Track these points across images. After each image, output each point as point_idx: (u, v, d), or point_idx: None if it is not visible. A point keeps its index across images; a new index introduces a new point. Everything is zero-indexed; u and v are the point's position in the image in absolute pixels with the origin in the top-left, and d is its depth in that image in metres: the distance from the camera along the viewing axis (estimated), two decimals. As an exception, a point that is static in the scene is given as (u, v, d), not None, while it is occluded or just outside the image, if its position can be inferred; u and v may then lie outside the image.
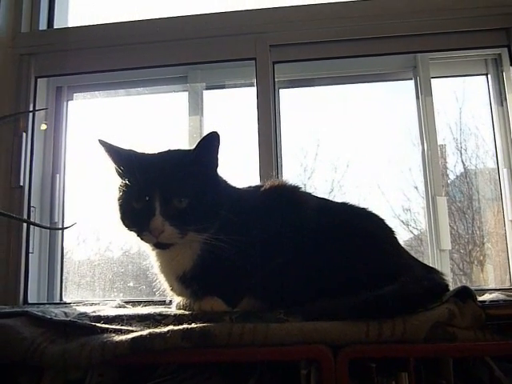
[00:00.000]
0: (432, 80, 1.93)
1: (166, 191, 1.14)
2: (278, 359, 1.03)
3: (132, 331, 1.03)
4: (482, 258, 1.94)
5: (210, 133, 1.19)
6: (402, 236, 2.02)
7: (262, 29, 1.89)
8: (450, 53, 1.92)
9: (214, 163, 1.24)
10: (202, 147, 1.20)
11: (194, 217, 1.16)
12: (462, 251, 1.97)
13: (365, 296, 1.06)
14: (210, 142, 1.20)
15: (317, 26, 1.87)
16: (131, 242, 2.11)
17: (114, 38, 1.98)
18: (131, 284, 2.04)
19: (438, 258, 1.80)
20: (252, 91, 1.90)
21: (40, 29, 2.07)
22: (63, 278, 1.99)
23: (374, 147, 2.01)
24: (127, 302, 1.60)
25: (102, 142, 1.22)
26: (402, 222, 2.02)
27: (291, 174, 2.02)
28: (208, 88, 2.06)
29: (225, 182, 1.29)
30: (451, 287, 1.22)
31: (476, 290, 1.18)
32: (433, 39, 1.84)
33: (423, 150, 1.90)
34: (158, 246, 1.19)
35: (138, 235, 1.19)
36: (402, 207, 2.02)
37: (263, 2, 1.97)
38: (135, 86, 2.13)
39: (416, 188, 1.98)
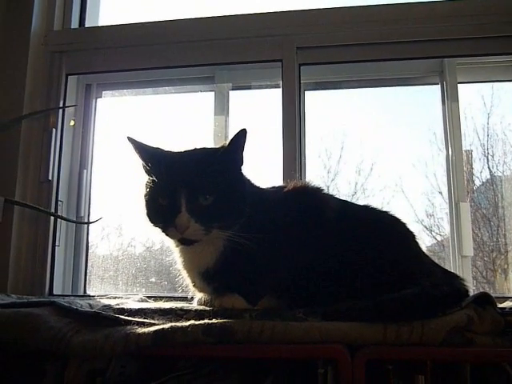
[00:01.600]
0: (460, 85, 1.91)
1: (192, 188, 1.16)
2: (296, 357, 1.04)
3: (154, 324, 1.06)
4: (506, 266, 1.92)
5: (241, 130, 1.21)
6: (425, 241, 2.02)
7: (289, 31, 1.90)
8: (477, 58, 1.90)
9: (240, 161, 1.26)
10: (231, 145, 1.22)
11: (219, 214, 1.17)
12: (485, 259, 1.95)
13: (384, 298, 1.07)
14: (240, 140, 1.22)
15: (343, 29, 1.88)
16: (154, 238, 2.14)
17: (142, 38, 2.01)
18: (153, 279, 2.07)
19: (460, 265, 1.79)
20: (278, 92, 1.91)
21: (72, 27, 2.11)
22: (87, 271, 2.03)
23: (399, 151, 2.00)
24: (149, 297, 1.63)
25: (131, 139, 1.25)
26: (425, 227, 2.01)
27: (315, 176, 2.03)
28: (234, 88, 2.08)
29: (249, 181, 1.31)
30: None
31: (497, 297, 1.17)
32: (460, 44, 1.82)
33: (448, 155, 1.89)
34: (183, 241, 1.21)
35: (163, 231, 1.21)
36: (425, 212, 2.01)
37: (291, 5, 1.98)
38: (163, 85, 2.16)
39: (440, 193, 1.97)
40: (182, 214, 1.15)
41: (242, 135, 1.21)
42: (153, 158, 1.24)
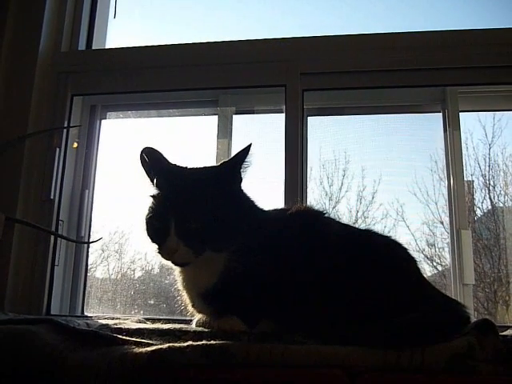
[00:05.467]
0: (461, 114, 1.92)
1: (180, 212, 1.16)
2: (295, 381, 1.02)
3: (152, 344, 1.04)
4: (507, 297, 1.90)
5: (247, 145, 1.23)
6: (426, 271, 2.00)
7: (293, 57, 1.92)
8: (480, 87, 1.92)
9: (239, 178, 1.26)
10: (232, 159, 1.24)
11: (210, 237, 1.17)
12: (486, 290, 1.93)
13: (385, 324, 1.06)
14: (243, 155, 1.23)
15: (347, 55, 1.90)
16: (153, 261, 2.14)
17: (148, 61, 2.04)
18: (152, 302, 2.06)
19: (461, 293, 1.77)
20: (281, 117, 1.92)
21: (79, 49, 2.14)
22: (86, 292, 2.02)
23: (401, 179, 2.00)
24: (147, 319, 1.62)
25: (149, 150, 1.26)
26: (426, 256, 2.00)
27: (316, 203, 2.04)
28: (237, 112, 2.09)
29: (252, 201, 1.30)
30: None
31: (499, 326, 1.16)
32: (463, 73, 1.84)
33: (449, 183, 1.89)
34: (175, 264, 1.22)
35: (157, 252, 1.21)
36: (426, 241, 2.00)
37: (295, 31, 2.01)
38: (167, 107, 2.18)
39: (441, 223, 1.96)
40: (170, 238, 1.15)
41: (246, 151, 1.23)
42: (162, 172, 1.25)
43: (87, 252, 2.04)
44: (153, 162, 1.26)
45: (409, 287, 1.22)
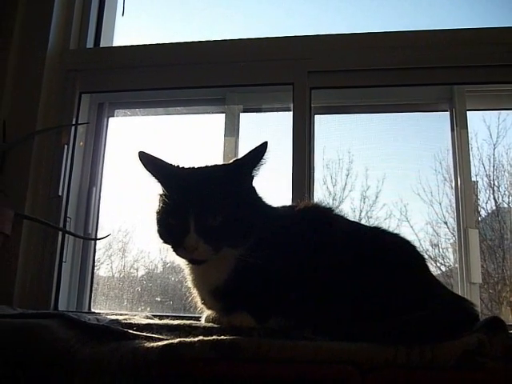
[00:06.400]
0: (468, 113, 1.93)
1: (200, 209, 1.16)
2: (305, 377, 1.03)
3: (162, 339, 1.05)
4: (511, 298, 1.91)
5: (262, 143, 1.22)
6: (431, 272, 1.99)
7: (301, 55, 1.93)
8: (487, 86, 1.93)
9: (251, 176, 1.26)
10: (245, 157, 1.24)
11: (229, 234, 1.17)
12: (490, 291, 1.93)
13: (394, 320, 1.07)
14: (258, 153, 1.22)
15: (354, 54, 1.91)
16: (156, 260, 2.15)
17: (155, 59, 2.05)
18: (158, 299, 2.06)
19: (468, 292, 1.77)
20: (288, 116, 1.93)
21: (87, 46, 2.15)
22: (93, 288, 2.03)
23: (405, 179, 2.00)
24: (154, 316, 1.62)
25: (143, 154, 1.25)
26: (430, 257, 2.00)
27: (320, 201, 2.03)
28: (245, 111, 2.10)
29: (260, 198, 1.30)
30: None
31: (509, 324, 1.16)
32: (470, 71, 1.85)
33: (456, 182, 1.89)
34: (192, 261, 1.22)
35: (173, 250, 1.21)
36: (430, 242, 2.00)
37: (303, 30, 2.01)
38: (174, 105, 2.19)
39: (445, 223, 1.96)
40: (190, 236, 1.14)
41: (261, 149, 1.22)
42: (164, 174, 1.25)
43: (94, 249, 2.05)
44: (150, 164, 1.25)
45: (417, 285, 1.22)
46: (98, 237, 2.05)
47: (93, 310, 1.98)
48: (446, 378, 1.00)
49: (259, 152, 1.22)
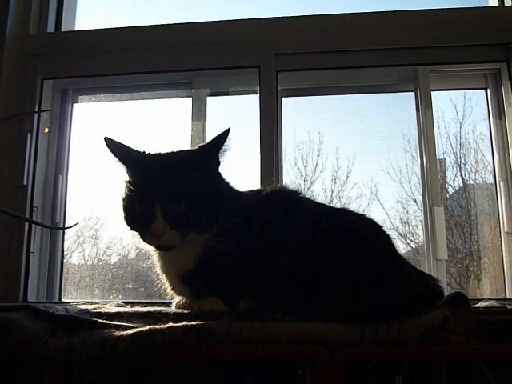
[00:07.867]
0: (433, 93, 1.95)
1: (166, 195, 1.15)
2: (275, 357, 1.04)
3: (132, 327, 1.05)
4: (478, 272, 1.95)
5: (226, 130, 1.22)
6: (400, 248, 2.02)
7: (267, 37, 1.92)
8: (450, 66, 1.95)
9: (217, 162, 1.26)
10: (210, 144, 1.23)
11: (195, 219, 1.17)
12: (459, 265, 1.98)
13: (360, 299, 1.09)
14: (221, 139, 1.22)
15: (320, 36, 1.90)
16: (129, 246, 2.13)
17: (119, 43, 2.01)
18: (130, 286, 2.05)
19: (435, 268, 1.81)
20: (255, 98, 1.92)
21: (48, 31, 2.09)
22: (62, 278, 2.00)
23: (375, 158, 2.02)
24: (126, 303, 1.61)
25: (108, 140, 1.24)
26: (400, 234, 2.03)
27: (291, 183, 2.05)
28: (212, 94, 2.08)
29: (227, 183, 1.31)
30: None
31: (471, 299, 1.20)
32: (433, 52, 1.87)
33: (422, 161, 1.92)
34: (160, 248, 1.22)
35: (140, 237, 1.21)
36: (400, 220, 2.03)
37: (268, 12, 2.00)
38: (140, 90, 2.15)
39: (415, 201, 1.99)
40: (157, 221, 1.14)
41: (224, 135, 1.22)
42: (130, 160, 1.24)
43: (63, 238, 2.02)
44: (116, 150, 1.24)
45: (383, 264, 1.24)
46: (67, 225, 2.03)
47: (63, 299, 1.96)
48: (411, 353, 1.03)
49: (223, 138, 1.22)
